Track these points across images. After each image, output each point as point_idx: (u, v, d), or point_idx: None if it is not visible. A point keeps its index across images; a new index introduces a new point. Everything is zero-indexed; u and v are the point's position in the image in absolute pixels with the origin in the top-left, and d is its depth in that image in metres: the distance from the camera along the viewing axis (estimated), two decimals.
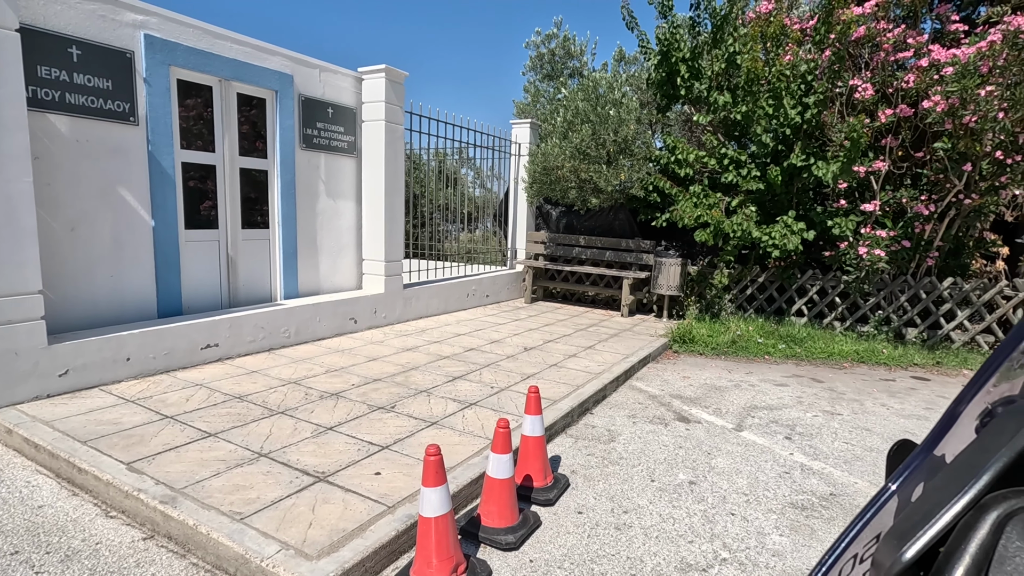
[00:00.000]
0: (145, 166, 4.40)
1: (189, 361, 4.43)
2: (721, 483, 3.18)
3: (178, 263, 4.70)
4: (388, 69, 6.05)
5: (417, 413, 3.71)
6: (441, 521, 2.13)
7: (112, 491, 2.62)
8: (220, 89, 4.94)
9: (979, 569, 0.39)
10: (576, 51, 10.11)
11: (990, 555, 0.39)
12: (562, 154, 7.46)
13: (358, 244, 6.45)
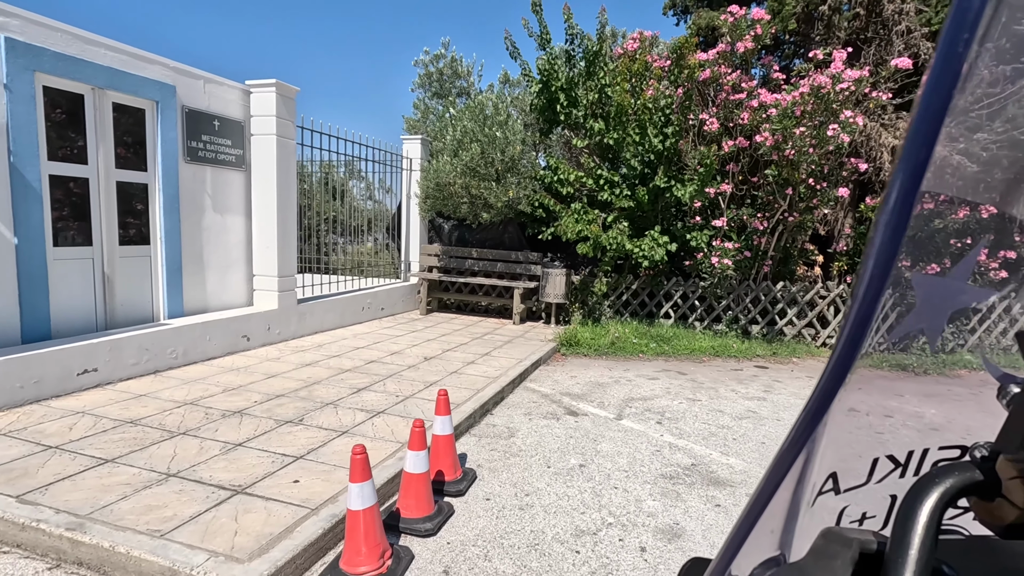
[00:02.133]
0: (6, 178, 4.05)
1: (63, 389, 4.12)
2: (606, 464, 3.69)
3: (46, 283, 4.35)
4: (279, 84, 6.02)
5: (326, 424, 3.82)
6: (368, 513, 2.36)
7: (3, 525, 2.49)
8: (94, 98, 4.66)
9: None
10: (463, 71, 10.56)
11: None
12: (454, 171, 7.82)
13: (248, 259, 6.28)
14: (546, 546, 2.70)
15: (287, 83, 6.14)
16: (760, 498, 0.43)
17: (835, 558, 0.39)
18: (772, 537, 0.47)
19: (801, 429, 0.40)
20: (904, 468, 0.53)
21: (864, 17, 7.40)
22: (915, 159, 0.33)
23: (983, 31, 0.30)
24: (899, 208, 0.33)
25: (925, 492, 0.38)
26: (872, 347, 0.40)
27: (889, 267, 0.35)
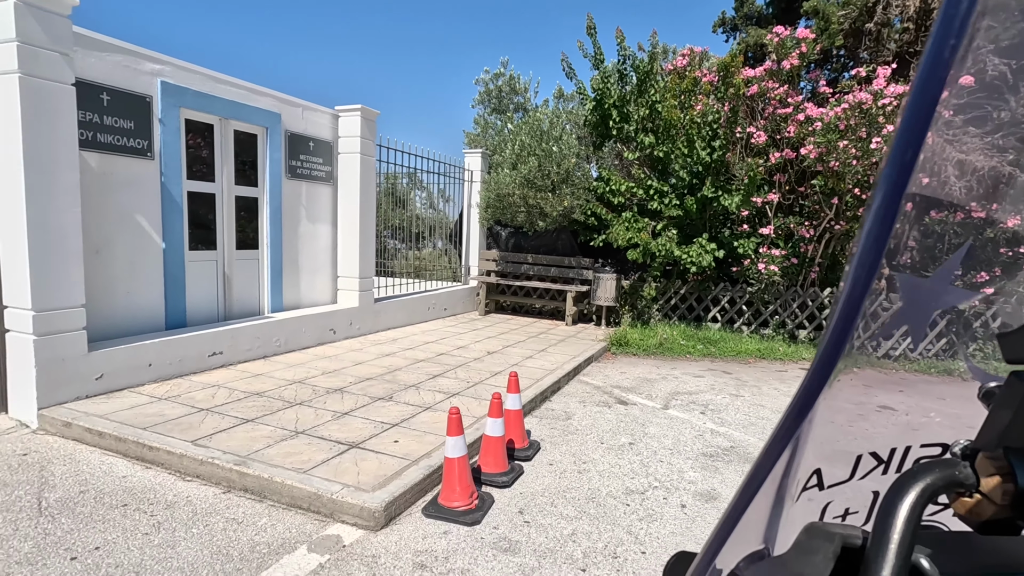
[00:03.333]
0: (158, 195, 4.99)
1: (198, 367, 5.01)
2: (652, 443, 4.22)
3: (183, 281, 5.27)
4: (363, 109, 6.86)
5: (412, 401, 4.52)
6: (461, 461, 3.00)
7: (186, 461, 3.28)
8: (220, 127, 5.59)
9: None
10: (520, 88, 11.25)
11: None
12: (512, 182, 8.48)
13: (333, 263, 7.14)
14: (601, 499, 3.26)
15: (369, 107, 6.97)
16: (745, 493, 0.43)
17: (817, 552, 0.40)
18: (757, 531, 0.48)
19: (786, 426, 0.41)
20: (887, 465, 0.53)
21: (913, 31, 7.59)
22: (901, 162, 0.33)
23: (969, 37, 0.30)
24: (884, 211, 0.34)
25: (906, 488, 0.38)
26: (857, 347, 0.40)
27: (874, 269, 0.35)
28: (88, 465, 3.37)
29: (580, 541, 2.80)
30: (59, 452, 3.53)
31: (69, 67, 3.91)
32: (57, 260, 3.92)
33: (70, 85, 3.93)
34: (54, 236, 3.89)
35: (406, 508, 3.02)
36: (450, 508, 2.96)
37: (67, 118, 3.91)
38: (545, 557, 2.65)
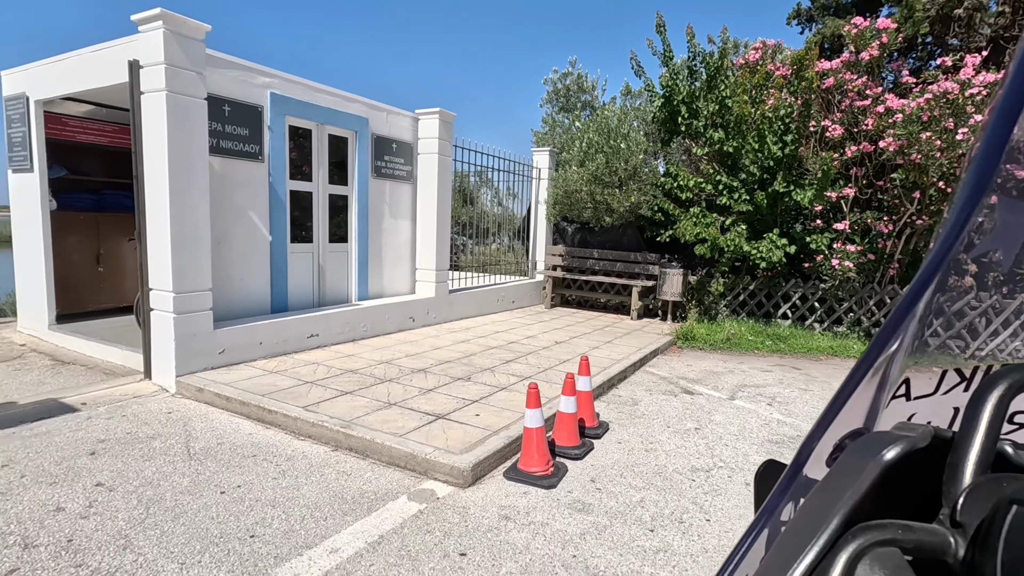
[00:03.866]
0: (267, 194, 5.63)
1: (299, 347, 5.61)
2: (718, 429, 4.38)
3: (286, 270, 5.91)
4: (441, 112, 7.32)
5: (488, 382, 4.90)
6: (539, 431, 3.33)
7: (299, 423, 3.80)
8: (317, 131, 6.19)
9: None
10: (588, 87, 11.44)
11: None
12: (580, 179, 8.72)
13: (412, 256, 7.67)
14: (668, 474, 3.50)
15: (446, 110, 7.43)
16: (852, 380, 0.45)
17: (915, 430, 0.43)
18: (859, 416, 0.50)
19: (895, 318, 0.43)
20: (969, 383, 0.55)
21: (1010, 15, 7.18)
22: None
23: None
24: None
25: (995, 383, 0.40)
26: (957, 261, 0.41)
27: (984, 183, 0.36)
28: (219, 423, 3.96)
29: (648, 507, 3.06)
30: (195, 412, 4.16)
31: (202, 84, 4.55)
32: (191, 249, 4.58)
33: (203, 99, 4.57)
34: (190, 229, 4.55)
35: (489, 471, 3.38)
36: (529, 473, 3.29)
37: (200, 128, 4.56)
38: (616, 518, 2.92)
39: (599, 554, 2.58)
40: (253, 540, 2.56)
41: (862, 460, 0.44)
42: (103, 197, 6.94)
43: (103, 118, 6.78)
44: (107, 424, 3.83)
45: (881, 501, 0.43)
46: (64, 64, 5.42)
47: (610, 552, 2.61)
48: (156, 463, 3.28)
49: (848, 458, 0.46)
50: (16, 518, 2.64)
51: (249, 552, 2.47)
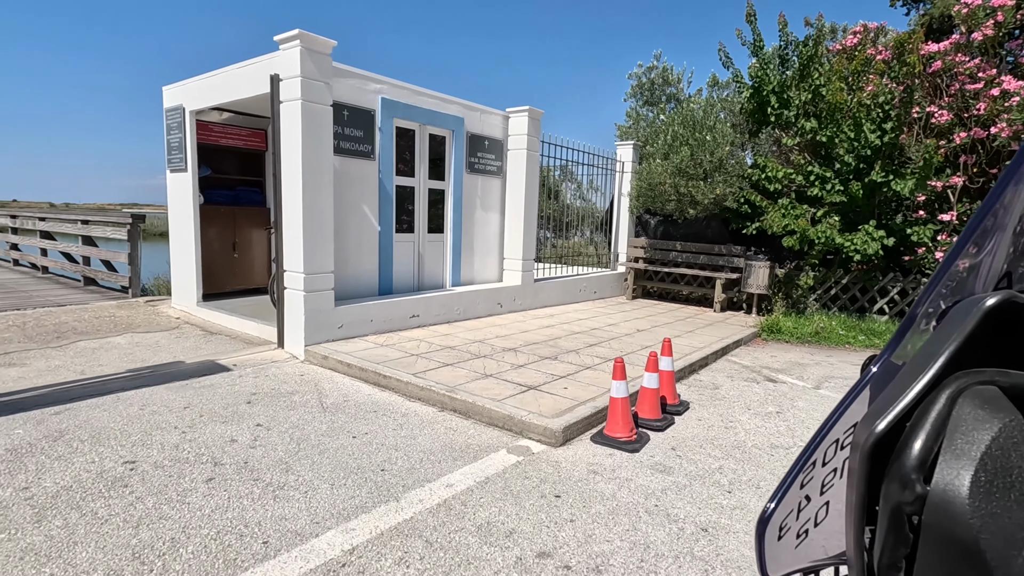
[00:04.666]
0: (376, 189, 6.30)
1: (403, 325, 6.26)
2: (800, 414, 4.48)
3: (391, 257, 6.58)
4: (530, 109, 7.74)
5: (573, 362, 5.26)
6: (624, 401, 3.65)
7: (410, 387, 4.36)
8: (419, 131, 6.80)
9: (937, 435, 0.44)
10: (673, 79, 11.42)
11: (946, 424, 0.44)
12: (664, 172, 8.83)
13: (500, 246, 8.16)
14: (746, 449, 3.70)
15: (536, 108, 7.83)
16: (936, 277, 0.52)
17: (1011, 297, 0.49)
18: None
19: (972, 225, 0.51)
20: None
21: None
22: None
23: None
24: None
25: None
26: None
27: None
28: (343, 385, 4.61)
29: (726, 473, 3.30)
30: (322, 375, 4.85)
31: (329, 93, 5.23)
32: (318, 236, 5.30)
33: (329, 106, 5.26)
34: (317, 220, 5.26)
35: (577, 435, 3.75)
36: (614, 438, 3.63)
37: (327, 131, 5.25)
38: (695, 479, 3.20)
39: (679, 506, 2.88)
40: (383, 472, 3.09)
41: (965, 310, 0.49)
42: (238, 193, 7.99)
43: (240, 124, 7.80)
44: (255, 381, 4.60)
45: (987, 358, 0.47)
46: (213, 79, 6.37)
47: (689, 505, 2.90)
48: (298, 412, 3.94)
49: (955, 313, 0.50)
50: (204, 444, 3.35)
51: (382, 480, 3.00)
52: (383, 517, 2.63)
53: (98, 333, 6.09)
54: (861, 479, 0.50)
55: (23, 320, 6.58)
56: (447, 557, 2.35)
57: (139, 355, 5.26)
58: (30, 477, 2.87)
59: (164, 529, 2.46)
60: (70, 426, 3.52)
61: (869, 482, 0.50)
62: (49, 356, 5.11)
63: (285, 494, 2.81)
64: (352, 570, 2.24)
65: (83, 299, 8.15)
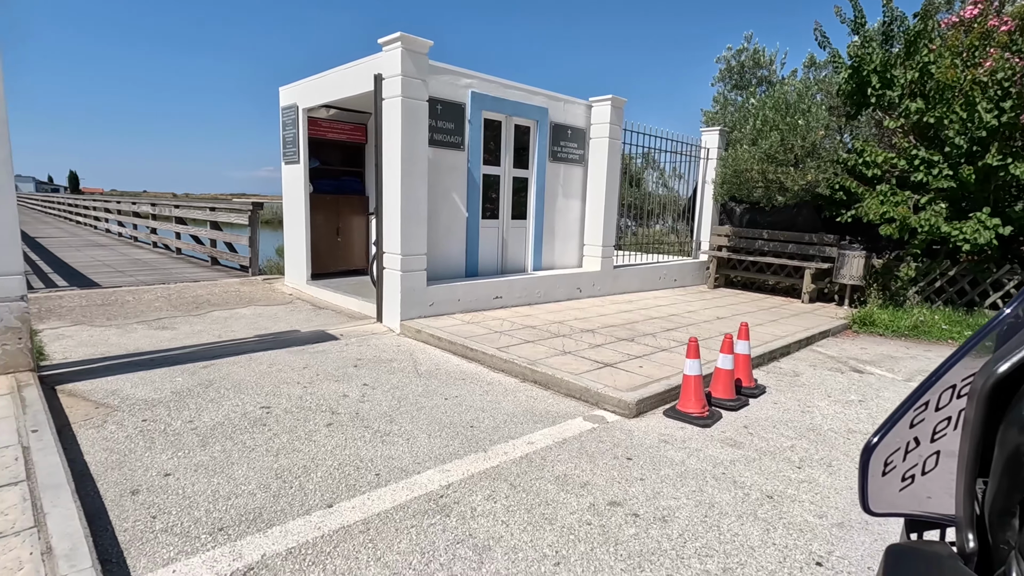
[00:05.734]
0: (465, 177, 6.74)
1: (487, 306, 6.68)
2: (884, 404, 4.40)
3: (477, 242, 7.02)
4: (613, 98, 7.86)
5: (650, 344, 5.43)
6: (696, 379, 3.82)
7: (495, 360, 4.75)
8: (505, 123, 7.16)
9: None
10: (765, 61, 10.97)
11: None
12: (751, 158, 8.62)
13: (580, 232, 8.39)
14: (822, 432, 3.75)
15: (619, 96, 7.94)
16: None
17: None
18: None
19: None
20: None
21: None
22: None
23: None
24: None
25: None
26: None
27: None
28: (434, 356, 5.10)
29: (797, 451, 3.40)
30: (416, 347, 5.37)
31: (425, 89, 5.70)
32: (413, 221, 5.81)
33: (425, 101, 5.72)
34: (413, 206, 5.77)
35: (650, 409, 3.97)
36: (686, 413, 3.81)
37: (423, 125, 5.73)
38: (765, 455, 3.33)
39: (746, 475, 3.05)
40: (472, 429, 3.49)
41: None
42: (341, 182, 8.77)
43: (343, 119, 8.54)
44: (359, 349, 5.18)
45: None
46: (323, 79, 7.06)
47: (756, 475, 3.05)
48: (397, 376, 4.45)
49: None
50: (322, 397, 3.92)
51: (471, 434, 3.40)
52: (473, 463, 3.02)
53: (227, 305, 7.02)
54: (977, 426, 0.47)
55: (168, 293, 7.69)
56: (528, 498, 2.69)
57: (262, 324, 6.05)
58: (192, 414, 3.53)
59: (297, 458, 2.99)
60: (216, 377, 4.23)
61: (985, 430, 0.46)
62: (192, 322, 6.01)
63: (390, 439, 3.28)
64: (449, 500, 2.64)
65: (212, 276, 9.32)
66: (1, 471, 2.48)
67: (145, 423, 3.36)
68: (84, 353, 4.73)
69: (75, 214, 25.10)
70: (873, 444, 0.80)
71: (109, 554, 2.13)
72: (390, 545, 2.27)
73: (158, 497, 2.55)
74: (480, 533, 2.38)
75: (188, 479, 2.73)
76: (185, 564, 2.10)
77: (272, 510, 2.49)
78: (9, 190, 3.61)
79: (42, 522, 2.10)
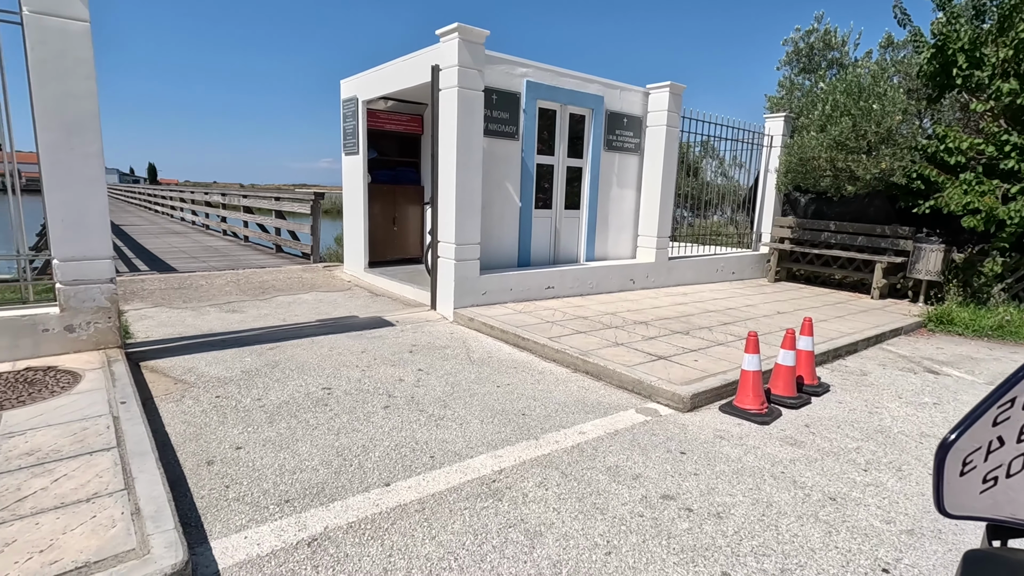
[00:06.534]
0: (519, 167, 6.75)
1: (539, 295, 6.70)
2: (962, 407, 4.12)
3: (530, 232, 7.03)
4: (671, 85, 7.64)
5: (705, 338, 5.30)
6: (755, 374, 3.70)
7: (546, 349, 4.76)
8: (560, 111, 7.10)
9: None
10: (837, 43, 10.33)
11: None
12: (819, 145, 8.18)
13: (635, 223, 8.24)
14: (891, 434, 3.55)
15: (677, 83, 7.71)
16: None
17: None
18: None
19: None
20: None
21: None
22: None
23: None
24: None
25: None
26: None
27: None
28: (486, 344, 5.16)
29: (863, 453, 3.24)
30: (468, 335, 5.46)
31: (481, 79, 5.73)
32: (467, 210, 5.88)
33: (480, 92, 5.76)
34: (467, 196, 5.84)
35: (705, 404, 3.88)
36: (743, 409, 3.70)
37: (478, 115, 5.77)
38: (827, 455, 3.20)
39: (807, 475, 2.94)
40: (524, 416, 3.53)
41: None
42: (397, 172, 8.97)
43: (400, 111, 8.72)
44: (414, 335, 5.32)
45: None
46: (382, 72, 7.22)
47: (818, 476, 2.94)
48: (450, 363, 4.54)
49: None
50: (379, 380, 4.06)
51: (523, 422, 3.44)
52: (525, 450, 3.06)
53: (290, 290, 7.36)
54: None
55: (237, 278, 8.13)
56: (580, 487, 2.70)
57: (322, 309, 6.30)
58: (260, 392, 3.74)
59: (357, 438, 3.12)
60: (281, 359, 4.45)
61: None
62: (258, 306, 6.34)
63: (444, 424, 3.36)
64: (501, 485, 2.68)
65: (276, 263, 9.77)
66: (96, 437, 2.71)
67: (218, 399, 3.58)
68: (163, 333, 5.09)
69: (153, 203, 26.86)
70: (950, 441, 0.75)
71: (188, 518, 2.30)
72: (444, 525, 2.34)
73: (231, 468, 2.73)
74: (531, 519, 2.41)
75: (257, 453, 2.90)
76: (255, 531, 2.24)
77: (334, 485, 2.61)
78: (101, 182, 3.91)
79: (131, 486, 2.29)
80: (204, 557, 2.07)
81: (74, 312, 3.95)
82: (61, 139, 3.71)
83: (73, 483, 2.30)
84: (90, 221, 3.89)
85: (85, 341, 4.01)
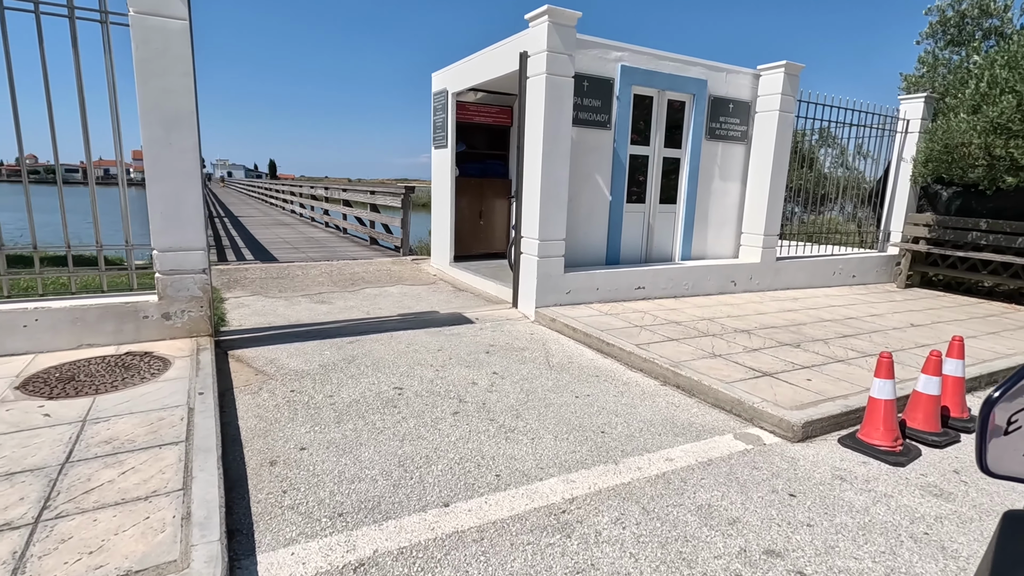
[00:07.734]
0: (610, 158, 6.31)
1: (627, 296, 6.24)
2: None
3: (620, 227, 6.57)
4: (787, 64, 6.81)
5: (820, 352, 4.60)
6: (888, 403, 3.07)
7: (633, 358, 4.35)
8: (657, 98, 6.56)
9: None
10: (996, 9, 8.74)
11: None
12: (971, 129, 6.95)
13: (739, 219, 7.49)
14: None
15: (794, 62, 6.86)
16: None
17: None
18: None
19: None
20: None
21: None
22: None
23: None
24: None
25: None
26: None
27: None
28: (568, 347, 4.83)
29: None
30: (549, 336, 5.15)
31: (571, 64, 5.37)
32: (552, 204, 5.56)
33: (571, 78, 5.40)
34: (553, 189, 5.52)
35: (820, 433, 3.30)
36: (870, 444, 3.09)
37: (567, 103, 5.42)
38: (987, 514, 2.54)
39: (960, 541, 2.33)
40: (603, 435, 3.17)
41: None
42: (485, 165, 8.84)
43: (489, 102, 8.56)
44: (492, 335, 5.11)
45: None
46: (470, 62, 7.07)
47: (976, 543, 2.32)
48: (527, 367, 4.27)
49: None
50: (451, 382, 3.87)
51: (601, 441, 3.08)
52: (601, 476, 2.71)
53: (378, 283, 7.46)
54: None
55: (330, 269, 8.40)
56: (664, 529, 2.31)
57: (406, 303, 6.28)
58: (333, 388, 3.69)
59: (421, 447, 2.93)
60: (359, 353, 4.41)
61: None
62: (346, 298, 6.45)
63: (514, 437, 3.09)
64: (571, 518, 2.36)
65: (368, 255, 10.04)
66: (168, 430, 2.74)
67: (292, 393, 3.56)
68: (255, 321, 5.27)
69: (270, 196, 29.12)
70: (995, 398, 0.74)
71: (241, 524, 2.21)
72: (503, 562, 2.07)
73: (292, 471, 2.64)
74: (603, 565, 2.08)
75: (320, 456, 2.80)
76: (303, 547, 2.10)
77: (390, 501, 2.42)
78: (196, 175, 4.05)
79: (188, 485, 2.24)
80: (247, 571, 1.95)
81: (170, 300, 4.13)
82: (160, 134, 3.86)
83: (137, 477, 2.29)
84: (185, 213, 4.03)
85: (180, 328, 4.19)
